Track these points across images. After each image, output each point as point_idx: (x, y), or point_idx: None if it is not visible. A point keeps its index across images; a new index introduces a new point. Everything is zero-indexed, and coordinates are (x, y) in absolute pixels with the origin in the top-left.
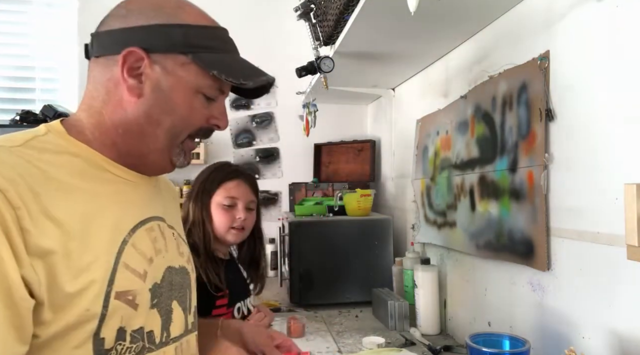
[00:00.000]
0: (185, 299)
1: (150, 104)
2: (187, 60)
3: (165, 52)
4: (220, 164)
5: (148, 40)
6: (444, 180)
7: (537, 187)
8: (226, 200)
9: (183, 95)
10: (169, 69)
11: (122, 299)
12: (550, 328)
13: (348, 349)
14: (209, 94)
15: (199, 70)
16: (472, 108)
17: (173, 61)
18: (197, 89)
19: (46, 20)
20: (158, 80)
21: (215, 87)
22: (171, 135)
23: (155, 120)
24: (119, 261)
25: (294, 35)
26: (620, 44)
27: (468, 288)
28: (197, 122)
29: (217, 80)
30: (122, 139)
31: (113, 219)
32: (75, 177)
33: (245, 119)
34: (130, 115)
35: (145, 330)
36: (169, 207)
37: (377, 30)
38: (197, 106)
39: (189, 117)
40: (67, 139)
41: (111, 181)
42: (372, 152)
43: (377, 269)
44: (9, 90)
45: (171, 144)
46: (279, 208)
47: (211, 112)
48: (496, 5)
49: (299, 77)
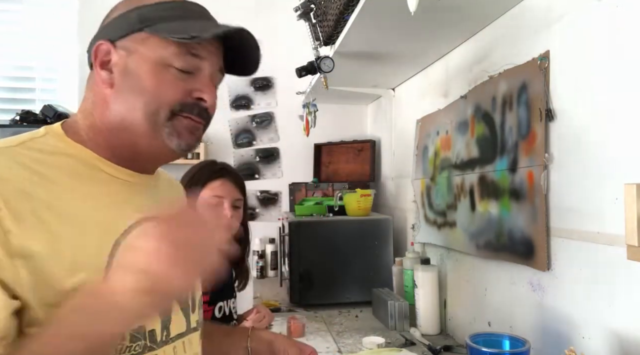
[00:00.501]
0: (186, 298)
1: (123, 89)
2: (146, 35)
3: (126, 36)
4: (205, 162)
5: (111, 31)
6: (444, 180)
7: (537, 187)
8: (212, 199)
9: (149, 70)
10: (131, 49)
11: None
12: (550, 328)
13: (348, 349)
14: (180, 65)
15: (159, 42)
16: (472, 108)
17: (134, 41)
18: (163, 61)
19: (46, 20)
20: (125, 64)
21: (183, 54)
22: (149, 115)
23: (131, 105)
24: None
25: (294, 35)
26: (620, 44)
27: (468, 288)
28: (173, 96)
29: (183, 46)
30: (112, 135)
31: (107, 220)
32: (69, 177)
33: (245, 119)
34: (111, 108)
35: (146, 329)
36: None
37: (377, 30)
38: (168, 79)
39: (161, 92)
40: (65, 140)
41: (106, 181)
42: (372, 152)
43: (377, 269)
44: (9, 90)
45: (153, 124)
46: (279, 208)
47: (192, 85)
48: (496, 5)
49: (299, 77)
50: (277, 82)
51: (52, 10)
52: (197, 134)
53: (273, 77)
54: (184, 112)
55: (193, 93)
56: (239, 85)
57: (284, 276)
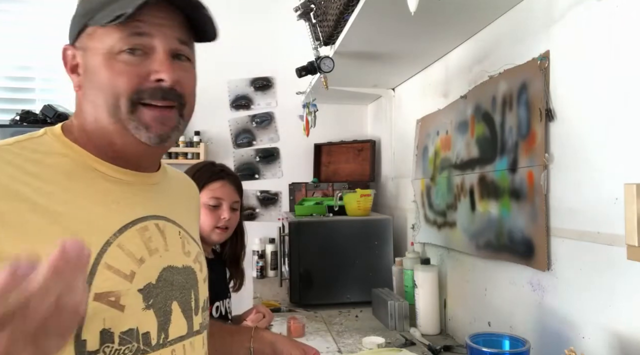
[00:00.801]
0: (188, 300)
1: (87, 88)
2: (91, 29)
3: (78, 35)
4: (204, 163)
5: (70, 35)
6: (444, 180)
7: (537, 187)
8: (211, 200)
9: (101, 64)
10: (84, 46)
11: (102, 301)
12: (550, 328)
13: (348, 349)
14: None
15: (102, 32)
16: (472, 108)
17: (85, 38)
18: (111, 50)
19: (46, 20)
20: (85, 63)
21: (125, 37)
22: (111, 111)
23: (95, 104)
24: (100, 262)
25: (294, 35)
26: (620, 44)
27: (468, 288)
28: (127, 84)
29: (123, 29)
30: (93, 135)
31: (98, 220)
32: (62, 177)
33: (245, 119)
34: (84, 110)
35: (140, 332)
36: (179, 206)
37: (377, 30)
38: (119, 68)
39: (115, 83)
40: (62, 140)
41: (100, 181)
42: (372, 152)
43: (377, 269)
44: (9, 90)
45: (117, 120)
46: (279, 208)
47: (148, 67)
48: (496, 5)
49: (299, 77)
50: (277, 82)
51: (52, 10)
52: (170, 123)
53: (273, 77)
54: (145, 99)
55: (150, 76)
56: (239, 86)
57: (284, 276)
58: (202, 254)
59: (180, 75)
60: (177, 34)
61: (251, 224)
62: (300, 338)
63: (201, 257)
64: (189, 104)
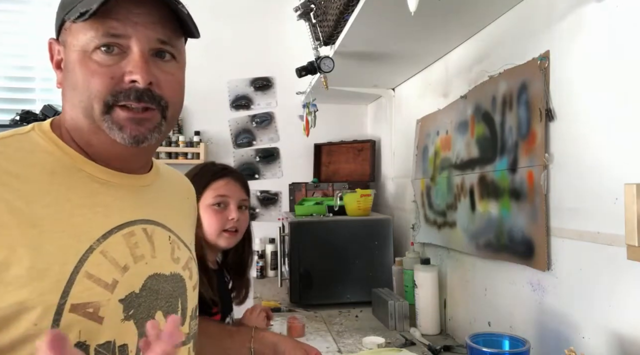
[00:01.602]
0: (174, 309)
1: (65, 86)
2: (69, 24)
3: (60, 30)
4: (204, 164)
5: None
6: (444, 180)
7: (537, 187)
8: (216, 199)
9: (76, 62)
10: (64, 42)
11: (79, 312)
12: (550, 328)
13: (348, 349)
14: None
15: (78, 28)
16: (472, 108)
17: (65, 33)
18: (85, 48)
19: (46, 20)
20: (66, 59)
21: (99, 36)
22: (85, 111)
23: (72, 102)
24: (80, 270)
25: (294, 35)
26: (620, 44)
27: (468, 288)
28: (100, 87)
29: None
30: (73, 134)
31: (81, 224)
32: (46, 176)
33: (245, 119)
34: (64, 107)
35: (116, 344)
36: (171, 209)
37: (377, 30)
38: (93, 68)
39: (89, 84)
40: (49, 136)
41: (85, 182)
42: (372, 152)
43: (377, 269)
44: (9, 90)
45: (91, 120)
46: (279, 208)
47: (123, 67)
48: (496, 5)
49: (299, 77)
50: (277, 82)
51: (52, 10)
52: (147, 124)
53: (273, 77)
54: (120, 101)
55: (125, 76)
56: (239, 86)
57: (284, 276)
58: (194, 259)
59: (159, 76)
60: (157, 33)
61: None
62: (300, 338)
63: (192, 263)
64: (173, 105)
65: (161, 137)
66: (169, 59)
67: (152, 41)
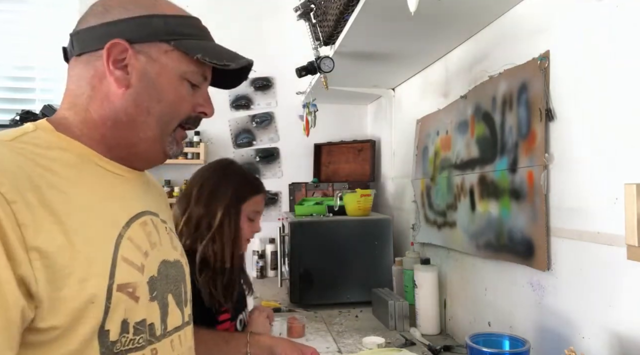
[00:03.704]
0: (180, 292)
1: (138, 92)
2: (170, 48)
3: (148, 41)
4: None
5: (130, 31)
6: (444, 180)
7: (537, 187)
8: (252, 214)
9: (169, 82)
10: (153, 57)
11: (124, 291)
12: (550, 328)
13: (348, 349)
14: (193, 81)
15: (182, 57)
16: (472, 108)
17: (157, 49)
18: (182, 76)
19: (46, 20)
20: (144, 69)
21: (199, 72)
22: (162, 123)
23: (145, 109)
24: (117, 255)
25: (294, 35)
26: (620, 44)
27: (468, 288)
28: (185, 109)
29: (200, 65)
30: (111, 132)
31: (109, 213)
32: (69, 170)
33: (245, 119)
34: (119, 106)
35: (147, 323)
36: (160, 203)
37: (377, 30)
38: (183, 94)
39: (177, 104)
40: (57, 135)
41: (103, 175)
42: (372, 152)
43: (377, 269)
44: (9, 90)
45: (163, 132)
46: (279, 208)
47: (196, 99)
48: (496, 5)
49: (299, 77)
50: (277, 82)
51: (52, 10)
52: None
53: (273, 77)
54: (188, 124)
55: (197, 108)
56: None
57: (284, 276)
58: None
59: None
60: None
61: None
62: (301, 338)
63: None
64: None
65: None
66: None
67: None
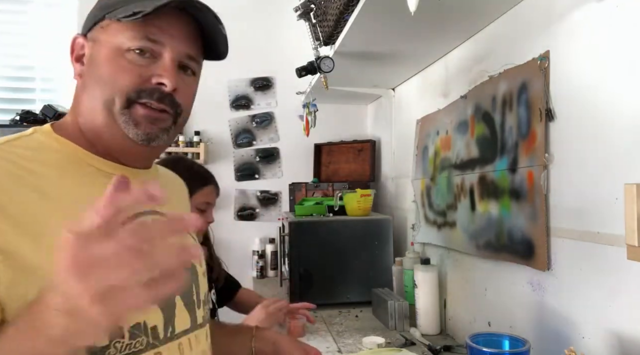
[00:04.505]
0: (189, 294)
1: (86, 78)
2: (107, 22)
3: (92, 27)
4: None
5: (84, 26)
6: (444, 180)
7: (537, 187)
8: (203, 205)
9: (106, 57)
10: (95, 38)
11: None
12: (550, 328)
13: (348, 349)
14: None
15: (117, 27)
16: (472, 108)
17: (98, 30)
18: (120, 46)
19: (46, 20)
20: (91, 54)
21: (137, 38)
22: (105, 103)
23: (92, 95)
24: None
25: (294, 35)
26: (620, 44)
27: (468, 288)
28: (127, 81)
29: (137, 30)
30: (86, 128)
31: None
32: (56, 172)
33: (245, 119)
34: (80, 100)
35: (148, 325)
36: (171, 202)
37: (377, 30)
38: (123, 65)
39: (115, 78)
40: (53, 137)
41: (93, 175)
42: (372, 152)
43: (377, 269)
44: (9, 90)
45: (109, 113)
46: (279, 208)
47: (152, 70)
48: (496, 5)
49: (299, 77)
50: (277, 82)
51: (52, 10)
52: (161, 124)
53: (273, 77)
54: (142, 98)
55: (152, 79)
56: (239, 86)
57: (284, 276)
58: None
59: (181, 86)
60: (188, 48)
61: (251, 224)
62: (300, 338)
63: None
64: (184, 114)
65: (169, 140)
66: (190, 74)
67: (182, 55)
